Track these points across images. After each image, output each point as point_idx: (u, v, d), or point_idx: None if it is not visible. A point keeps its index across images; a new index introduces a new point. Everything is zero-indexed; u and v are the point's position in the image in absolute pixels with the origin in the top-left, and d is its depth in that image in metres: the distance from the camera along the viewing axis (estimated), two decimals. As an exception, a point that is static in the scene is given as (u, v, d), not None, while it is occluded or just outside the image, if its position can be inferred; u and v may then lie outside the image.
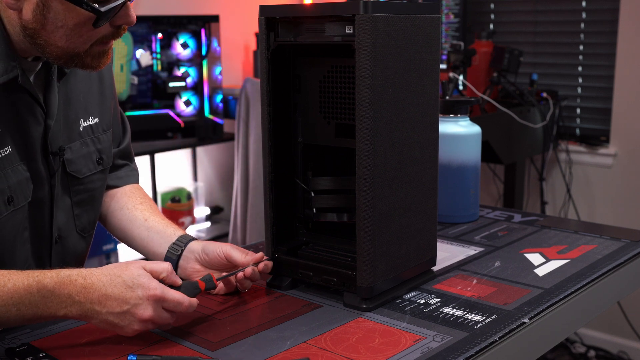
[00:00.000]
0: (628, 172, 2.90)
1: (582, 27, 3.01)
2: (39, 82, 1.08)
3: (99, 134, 1.20)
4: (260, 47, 1.14)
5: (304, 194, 1.21)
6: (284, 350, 0.96)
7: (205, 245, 1.17)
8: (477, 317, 1.05)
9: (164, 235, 1.22)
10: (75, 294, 0.93)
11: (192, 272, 1.17)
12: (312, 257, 1.16)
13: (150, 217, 1.26)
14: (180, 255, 1.18)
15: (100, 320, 0.95)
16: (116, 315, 0.94)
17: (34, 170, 1.08)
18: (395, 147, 1.08)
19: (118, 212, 1.28)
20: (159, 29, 2.96)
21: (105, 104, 1.22)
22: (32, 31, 0.97)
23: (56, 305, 0.93)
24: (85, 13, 0.95)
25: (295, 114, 1.20)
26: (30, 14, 0.95)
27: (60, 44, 0.98)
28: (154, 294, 0.95)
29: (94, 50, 1.02)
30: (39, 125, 1.08)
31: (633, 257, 1.33)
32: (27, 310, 0.93)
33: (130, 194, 1.31)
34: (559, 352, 2.97)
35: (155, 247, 1.22)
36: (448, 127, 1.53)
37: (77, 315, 0.95)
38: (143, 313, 0.94)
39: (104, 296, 0.94)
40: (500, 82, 2.78)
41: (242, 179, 3.01)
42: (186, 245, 1.18)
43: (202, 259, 1.16)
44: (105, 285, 0.94)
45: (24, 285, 0.92)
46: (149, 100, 2.98)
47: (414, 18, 1.09)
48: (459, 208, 1.56)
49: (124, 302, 0.94)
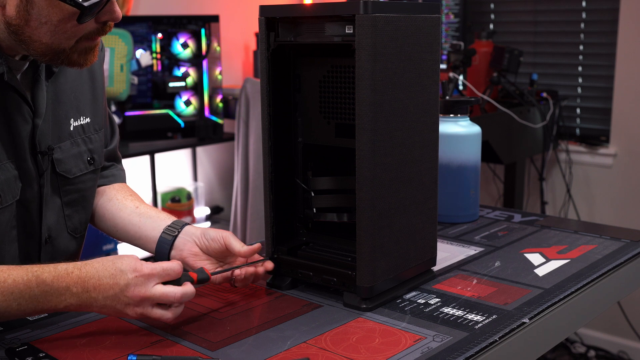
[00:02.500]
0: (628, 172, 2.90)
1: (582, 27, 3.01)
2: (26, 81, 1.08)
3: (90, 133, 1.20)
4: (260, 47, 1.14)
5: (304, 194, 1.21)
6: (284, 350, 0.96)
7: (205, 230, 1.16)
8: (477, 317, 1.05)
9: (157, 220, 1.21)
10: (72, 286, 0.95)
11: (189, 254, 1.16)
12: (312, 257, 1.16)
13: (141, 205, 1.25)
14: (177, 237, 1.17)
15: (100, 307, 0.97)
16: (111, 298, 0.96)
17: (23, 169, 1.08)
18: (395, 147, 1.08)
19: (107, 203, 1.27)
20: (159, 29, 2.96)
21: (97, 103, 1.22)
22: (16, 27, 0.96)
23: (56, 299, 0.95)
24: (68, 8, 0.94)
25: (295, 114, 1.20)
26: (14, 10, 0.95)
27: (44, 40, 0.97)
28: (141, 272, 0.96)
29: (80, 46, 1.01)
30: (27, 124, 1.07)
31: (633, 257, 1.33)
32: (28, 305, 0.95)
33: (119, 188, 1.31)
34: (559, 352, 2.97)
35: (148, 230, 1.20)
36: (448, 127, 1.53)
37: (77, 306, 0.97)
38: (134, 291, 0.95)
39: (98, 282, 0.96)
40: (500, 82, 2.78)
41: (242, 179, 3.00)
42: (182, 228, 1.18)
43: (201, 243, 1.15)
44: (99, 271, 0.97)
45: (23, 281, 0.94)
46: (149, 100, 2.98)
47: (414, 18, 1.09)
48: (459, 208, 1.56)
49: (115, 284, 0.96)
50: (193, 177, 3.42)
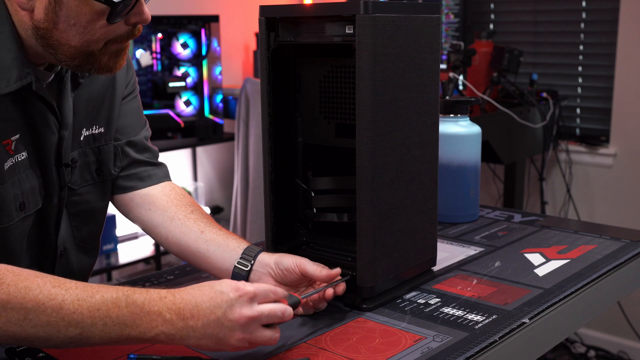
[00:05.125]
0: (628, 172, 2.90)
1: (582, 27, 3.01)
2: (52, 92, 1.06)
3: (101, 144, 1.16)
4: (260, 47, 1.14)
5: (304, 194, 1.21)
6: (284, 350, 0.96)
7: (279, 259, 1.07)
8: (477, 317, 1.05)
9: (226, 249, 1.12)
10: (165, 311, 0.85)
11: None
12: (312, 257, 1.16)
13: (206, 229, 1.15)
14: (250, 271, 1.09)
15: (198, 337, 0.86)
16: (213, 325, 0.85)
17: (46, 180, 1.06)
18: (395, 147, 1.08)
19: (168, 223, 1.19)
20: (159, 29, 2.96)
21: (113, 114, 1.18)
22: (45, 31, 0.94)
23: (146, 324, 0.84)
24: (98, 6, 0.92)
25: (295, 114, 1.20)
26: (42, 12, 0.93)
27: (73, 42, 0.95)
28: (244, 291, 0.87)
29: (110, 49, 0.98)
30: (53, 135, 1.06)
31: (633, 257, 1.33)
32: (114, 327, 0.84)
33: (176, 201, 1.22)
34: (559, 352, 2.97)
35: (218, 262, 1.12)
36: (448, 127, 1.53)
37: (170, 337, 0.85)
38: (239, 313, 0.85)
39: (195, 307, 0.85)
40: (500, 82, 2.78)
41: (242, 179, 3.00)
42: (255, 259, 1.09)
43: (276, 274, 1.07)
44: (195, 296, 0.86)
45: (112, 299, 0.84)
46: (149, 100, 2.98)
47: (414, 18, 1.09)
48: (459, 208, 1.56)
49: (217, 307, 0.85)
50: (193, 177, 3.42)
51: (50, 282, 0.84)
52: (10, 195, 1.00)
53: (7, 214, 1.00)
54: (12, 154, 0.99)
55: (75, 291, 0.84)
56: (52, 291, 0.83)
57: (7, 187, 0.99)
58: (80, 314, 0.83)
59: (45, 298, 0.82)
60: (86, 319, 0.83)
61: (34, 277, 0.84)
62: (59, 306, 0.82)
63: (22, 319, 0.82)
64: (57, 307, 0.82)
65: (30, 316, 0.82)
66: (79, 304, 0.83)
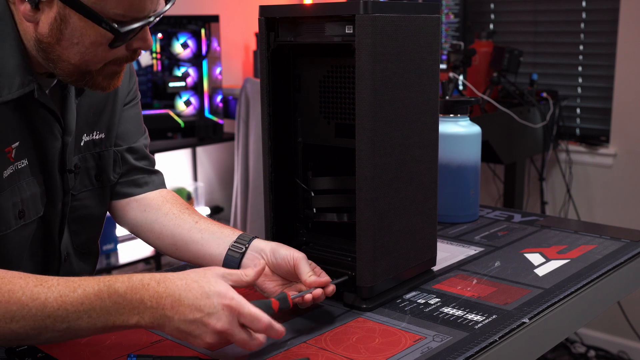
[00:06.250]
0: (628, 172, 2.90)
1: (582, 27, 3.01)
2: (55, 98, 1.06)
3: (101, 149, 1.17)
4: (260, 47, 1.14)
5: (304, 194, 1.21)
6: (284, 350, 0.96)
7: (276, 247, 1.08)
8: (477, 317, 1.05)
9: (220, 236, 1.12)
10: (147, 299, 0.86)
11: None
12: (312, 257, 1.16)
13: (200, 220, 1.17)
14: (244, 254, 1.09)
15: (172, 329, 0.87)
16: (188, 323, 0.86)
17: (50, 187, 1.06)
18: (395, 147, 1.08)
19: (162, 218, 1.20)
20: (159, 29, 2.96)
21: (114, 120, 1.19)
22: (47, 45, 0.94)
23: (128, 312, 0.86)
24: (103, 32, 0.92)
25: (295, 114, 1.20)
26: (47, 27, 0.93)
27: (73, 60, 0.95)
28: (229, 303, 0.87)
29: (107, 70, 0.99)
30: (57, 141, 1.06)
31: (633, 257, 1.33)
32: (99, 318, 0.85)
33: (171, 199, 1.23)
34: (559, 352, 2.97)
35: (212, 248, 1.12)
36: (448, 127, 1.53)
37: (149, 323, 0.87)
38: (216, 323, 0.86)
39: (177, 302, 0.86)
40: (500, 82, 2.78)
41: (242, 179, 3.01)
42: (250, 243, 1.10)
43: (270, 261, 1.07)
44: (180, 290, 0.87)
45: (94, 291, 0.86)
46: (149, 100, 2.98)
47: (414, 18, 1.09)
48: (459, 208, 1.56)
49: (197, 309, 0.86)
50: (193, 177, 3.42)
51: (33, 282, 0.85)
52: (8, 203, 1.00)
53: (4, 222, 1.00)
54: (12, 162, 0.99)
55: (57, 288, 0.85)
56: (35, 290, 0.84)
57: (6, 194, 0.99)
58: (65, 309, 0.85)
59: (29, 299, 0.84)
60: (71, 314, 0.85)
61: (17, 279, 0.85)
62: (42, 305, 0.84)
63: (9, 321, 0.83)
64: (41, 306, 0.84)
65: (17, 318, 0.83)
66: (62, 300, 0.85)
